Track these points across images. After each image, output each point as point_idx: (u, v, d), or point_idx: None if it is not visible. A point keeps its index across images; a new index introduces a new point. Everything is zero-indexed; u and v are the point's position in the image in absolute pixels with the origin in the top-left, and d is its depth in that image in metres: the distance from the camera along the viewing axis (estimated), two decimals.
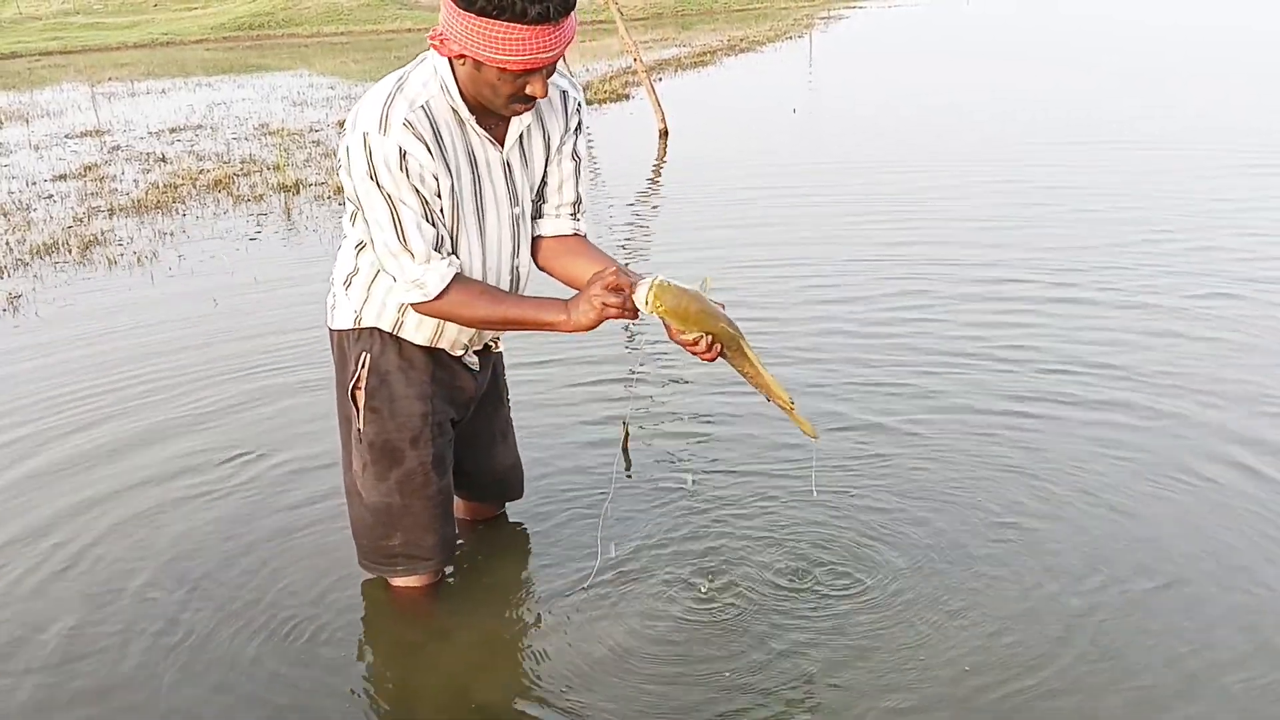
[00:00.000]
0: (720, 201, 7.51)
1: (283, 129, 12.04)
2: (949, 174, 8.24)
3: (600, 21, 26.37)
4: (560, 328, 2.38)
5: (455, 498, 2.92)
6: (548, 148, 2.56)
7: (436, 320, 2.56)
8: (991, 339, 4.61)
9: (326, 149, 10.52)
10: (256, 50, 26.43)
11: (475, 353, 2.78)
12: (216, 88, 17.51)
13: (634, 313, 2.30)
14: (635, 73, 12.78)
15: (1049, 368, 4.31)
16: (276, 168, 9.48)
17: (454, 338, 2.64)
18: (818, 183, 8.09)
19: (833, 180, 8.20)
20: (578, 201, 2.66)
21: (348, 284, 2.61)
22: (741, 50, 19.87)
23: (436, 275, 2.38)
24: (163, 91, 17.20)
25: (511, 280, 2.60)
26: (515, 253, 2.59)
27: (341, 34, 29.82)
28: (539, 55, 2.19)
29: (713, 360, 2.37)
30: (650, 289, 2.26)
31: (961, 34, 22.86)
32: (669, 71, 16.54)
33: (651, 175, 9.27)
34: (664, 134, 10.76)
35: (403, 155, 2.29)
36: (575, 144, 2.60)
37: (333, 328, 2.69)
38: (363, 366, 2.63)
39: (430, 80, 2.35)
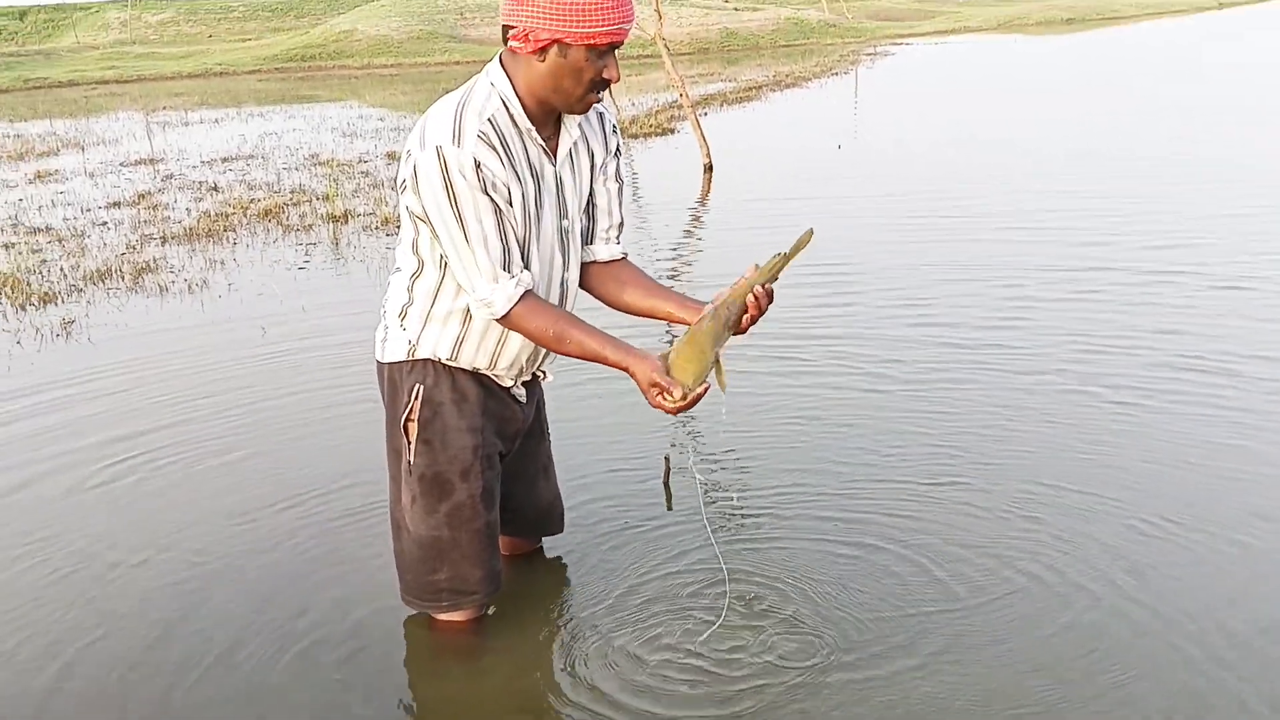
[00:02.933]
0: (765, 235, 7.50)
1: (332, 160, 12.20)
2: (995, 206, 8.19)
3: (646, 56, 26.58)
4: (617, 365, 2.47)
5: None
6: (593, 166, 2.65)
7: (498, 340, 2.61)
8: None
9: (375, 180, 10.65)
10: (308, 81, 26.86)
11: (523, 383, 2.80)
12: (268, 118, 17.80)
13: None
14: (681, 107, 12.84)
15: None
16: (326, 198, 9.61)
17: (513, 357, 2.66)
18: (863, 218, 8.08)
19: (878, 213, 8.19)
20: (622, 224, 2.76)
21: (402, 315, 2.63)
22: (787, 86, 19.93)
23: (503, 296, 2.45)
24: (216, 121, 17.50)
25: (560, 293, 2.65)
26: (565, 266, 2.64)
27: (391, 66, 30.23)
28: (621, 25, 2.32)
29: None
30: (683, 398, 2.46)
31: (1010, 70, 22.79)
32: (714, 106, 16.61)
33: (695, 209, 9.30)
34: (709, 168, 10.80)
35: (477, 165, 2.36)
36: (618, 166, 2.71)
37: (383, 360, 2.71)
38: (416, 398, 2.65)
39: (491, 94, 2.44)
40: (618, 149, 2.71)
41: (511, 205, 2.44)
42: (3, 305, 6.45)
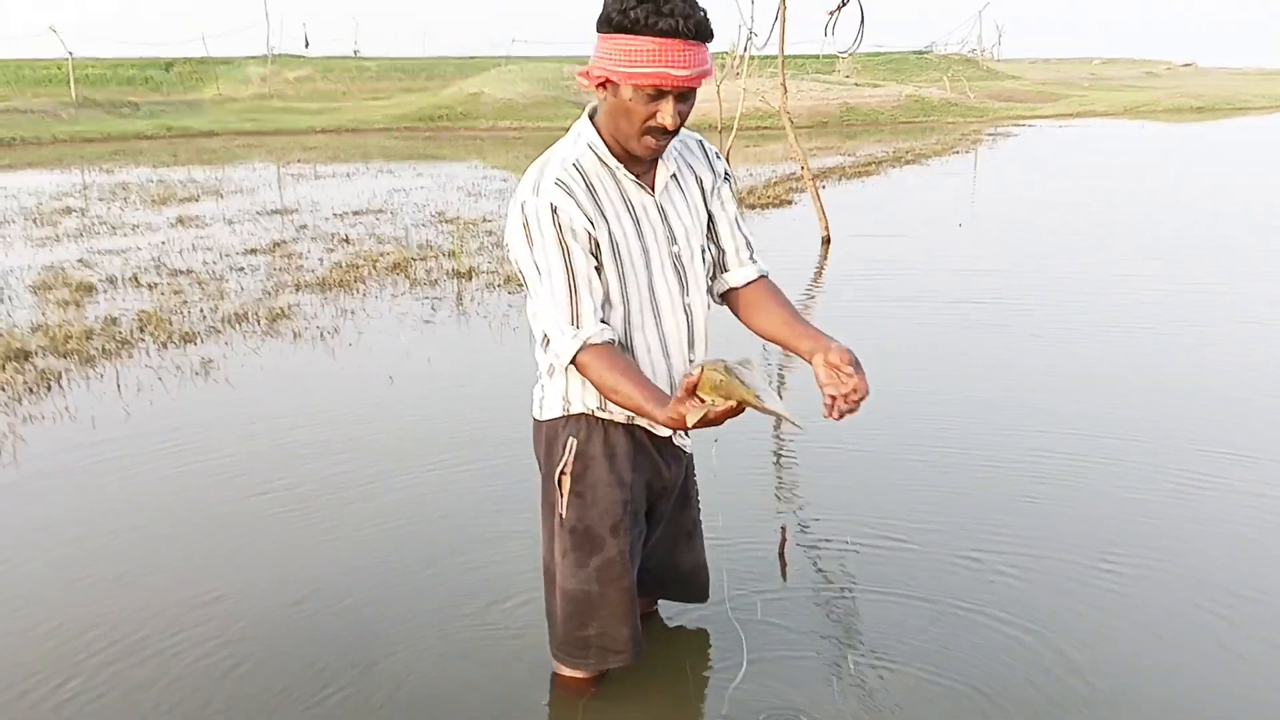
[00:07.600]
0: (879, 307, 7.50)
1: (458, 218, 12.54)
2: (1114, 289, 8.06)
3: (765, 127, 26.84)
4: (656, 419, 2.38)
5: None
6: (703, 191, 2.71)
7: None
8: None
9: (498, 239, 10.90)
10: (435, 140, 27.67)
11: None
12: (397, 174, 18.36)
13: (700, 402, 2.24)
14: (799, 179, 12.89)
15: None
16: (451, 254, 9.88)
17: None
18: (981, 293, 8.02)
19: (997, 291, 8.11)
20: (749, 244, 2.80)
21: (550, 373, 2.72)
22: (907, 162, 19.89)
23: (566, 349, 2.49)
24: (346, 175, 18.11)
25: (686, 318, 2.67)
26: (684, 291, 2.66)
27: (515, 129, 31.00)
28: (669, 70, 2.33)
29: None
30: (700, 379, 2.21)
31: (1135, 155, 22.43)
32: (832, 179, 16.66)
33: (813, 280, 9.32)
34: (826, 240, 10.83)
35: (553, 210, 2.44)
36: (731, 189, 2.77)
37: (539, 419, 2.77)
38: (569, 452, 2.70)
39: (576, 142, 2.55)
40: (726, 173, 2.77)
41: (600, 247, 2.50)
42: (146, 342, 6.76)
